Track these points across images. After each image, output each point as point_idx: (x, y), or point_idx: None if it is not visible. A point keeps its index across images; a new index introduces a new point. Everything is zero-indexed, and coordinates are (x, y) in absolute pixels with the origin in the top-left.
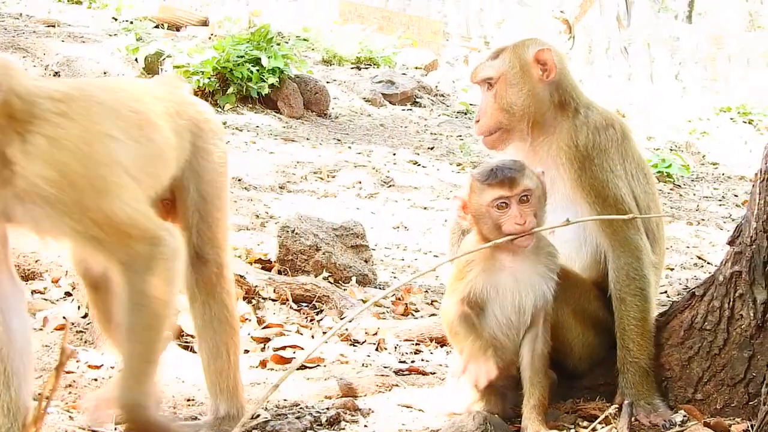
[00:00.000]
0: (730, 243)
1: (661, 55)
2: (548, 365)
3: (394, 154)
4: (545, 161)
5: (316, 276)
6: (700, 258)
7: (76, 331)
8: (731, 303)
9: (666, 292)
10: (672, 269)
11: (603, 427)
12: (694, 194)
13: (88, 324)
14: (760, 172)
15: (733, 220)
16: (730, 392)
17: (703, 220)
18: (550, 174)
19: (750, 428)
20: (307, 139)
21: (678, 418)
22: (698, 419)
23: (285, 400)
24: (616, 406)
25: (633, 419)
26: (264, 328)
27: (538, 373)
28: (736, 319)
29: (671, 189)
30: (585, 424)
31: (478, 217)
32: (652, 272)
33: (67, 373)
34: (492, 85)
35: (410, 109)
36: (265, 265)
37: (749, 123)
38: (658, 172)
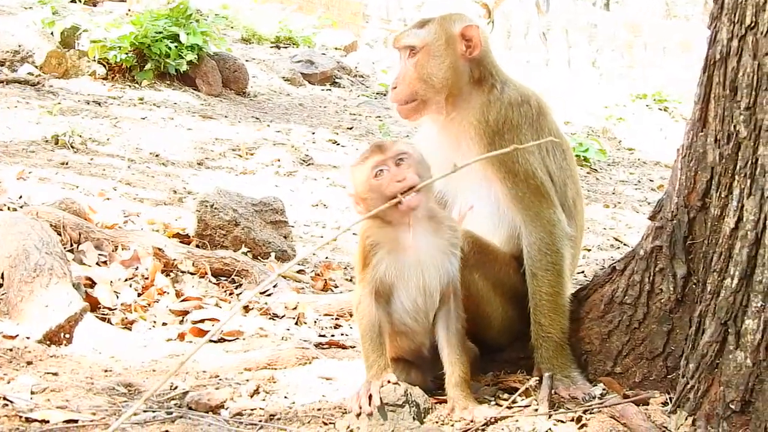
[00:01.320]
0: (651, 218)
1: (579, 41)
2: (465, 340)
3: (313, 134)
4: (457, 136)
5: (234, 251)
6: (616, 239)
7: None
8: (651, 277)
9: (583, 272)
10: (589, 250)
11: (523, 399)
12: (611, 178)
13: (3, 294)
14: (682, 147)
15: (649, 203)
16: (649, 365)
17: (619, 203)
18: (461, 149)
19: (668, 401)
20: (226, 116)
21: (597, 391)
22: (617, 392)
23: (204, 371)
24: (536, 378)
25: (553, 392)
26: (182, 301)
27: (456, 350)
28: (656, 293)
29: (588, 173)
30: (506, 396)
31: (367, 199)
32: (567, 247)
33: None
34: (414, 53)
35: (329, 90)
36: (183, 239)
37: (664, 110)
38: (576, 155)
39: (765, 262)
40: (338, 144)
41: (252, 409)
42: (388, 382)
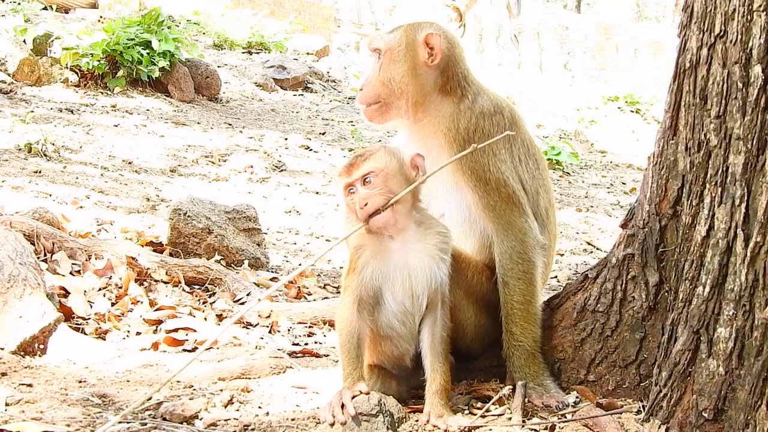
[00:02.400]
0: (623, 226)
1: (551, 44)
2: (449, 349)
3: (286, 139)
4: (427, 143)
5: (208, 259)
6: (589, 243)
7: None
8: (624, 285)
9: (556, 277)
10: (562, 255)
11: (497, 408)
12: (583, 182)
13: None
14: (653, 155)
15: (622, 206)
16: (622, 373)
17: (592, 206)
18: (431, 157)
19: (642, 409)
20: (198, 123)
21: (570, 399)
22: (591, 400)
23: (178, 382)
24: (510, 387)
25: (526, 401)
26: (156, 310)
27: (439, 357)
28: (628, 301)
29: (560, 176)
30: (479, 405)
31: (345, 208)
32: (539, 255)
33: None
34: (380, 57)
35: (302, 95)
36: (157, 247)
37: (636, 112)
38: (548, 159)
39: (736, 270)
40: (311, 149)
41: (226, 420)
42: (361, 392)
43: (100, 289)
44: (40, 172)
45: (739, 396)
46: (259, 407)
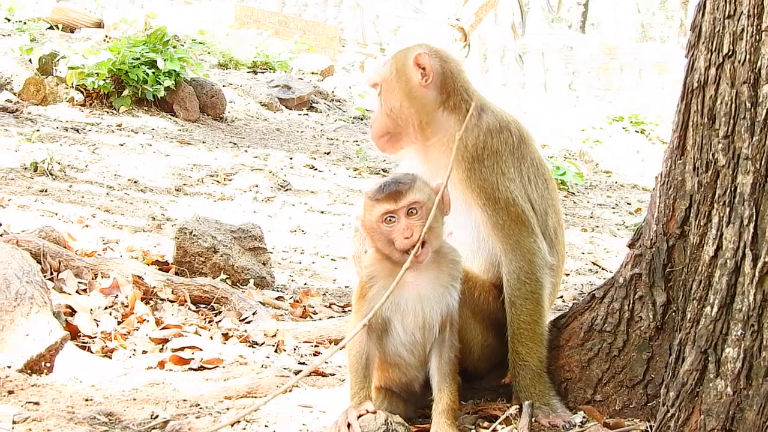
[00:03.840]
0: (630, 245)
1: (555, 64)
2: (457, 370)
3: (291, 159)
4: (437, 162)
5: (214, 278)
6: (595, 264)
7: None
8: (631, 305)
9: (562, 297)
10: (568, 275)
11: (504, 428)
12: (588, 202)
13: None
14: (660, 175)
15: (627, 227)
16: (629, 393)
17: (597, 227)
18: (440, 175)
19: (649, 429)
20: (203, 142)
21: (577, 419)
22: (598, 420)
23: (185, 400)
24: (517, 407)
25: (533, 420)
26: (162, 329)
27: (447, 378)
28: (635, 320)
29: (565, 196)
30: (486, 424)
31: (372, 234)
32: (547, 276)
33: None
34: (379, 89)
35: (306, 114)
36: (162, 266)
37: (641, 132)
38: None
39: (744, 290)
40: (316, 169)
41: None
42: (367, 411)
43: (106, 308)
44: (46, 191)
45: (747, 416)
46: (266, 426)
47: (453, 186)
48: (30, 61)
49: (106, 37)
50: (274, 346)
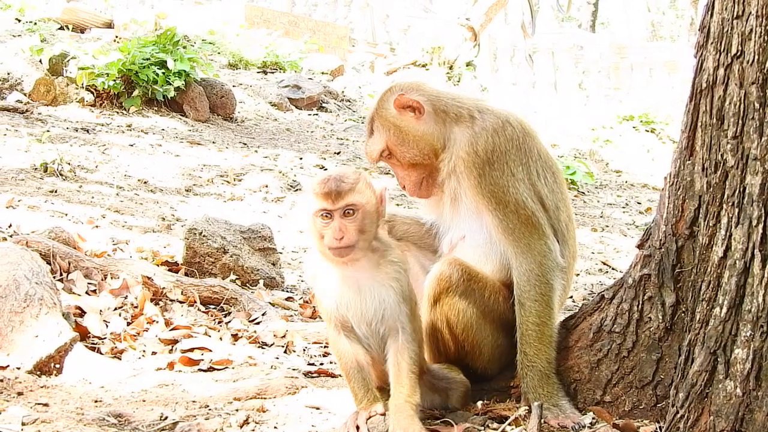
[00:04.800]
0: (640, 246)
1: (565, 63)
2: (416, 367)
3: (301, 159)
4: (447, 175)
5: (223, 278)
6: (605, 263)
7: None
8: (640, 306)
9: (572, 297)
10: (578, 274)
11: (513, 429)
12: (598, 201)
13: None
14: (669, 176)
15: (637, 226)
16: (638, 394)
17: (607, 226)
18: (451, 186)
19: (658, 430)
20: (213, 142)
21: (587, 420)
22: (607, 421)
23: (194, 401)
24: (526, 408)
25: (543, 421)
26: (172, 329)
27: (402, 372)
28: (644, 321)
29: (576, 196)
30: (495, 425)
31: (309, 225)
32: (558, 278)
33: None
34: (388, 154)
35: (316, 114)
36: (172, 267)
37: (651, 132)
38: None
39: (754, 291)
40: (326, 169)
41: None
42: (376, 412)
43: (115, 309)
44: (56, 191)
45: (757, 417)
46: (275, 427)
47: (464, 193)
48: (40, 61)
49: (116, 37)
50: (283, 346)
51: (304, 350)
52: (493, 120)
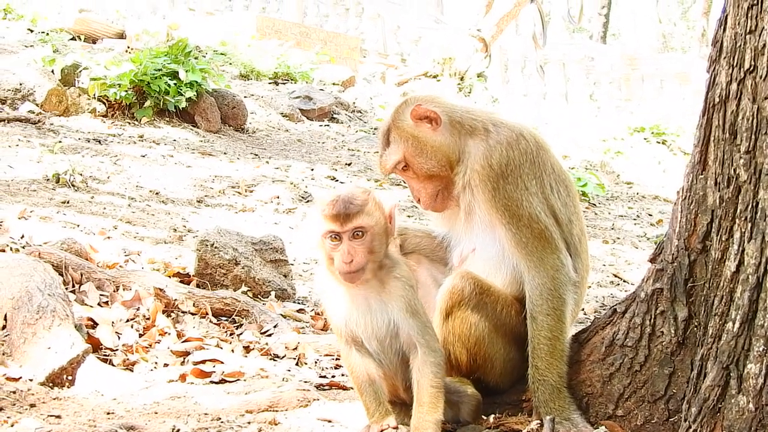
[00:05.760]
0: (652, 260)
1: (576, 74)
2: (441, 375)
3: (312, 170)
4: (462, 188)
5: (235, 290)
6: (616, 276)
7: None
8: (652, 320)
9: (583, 309)
10: (589, 287)
11: None
12: (609, 213)
13: (6, 336)
14: (682, 190)
15: (648, 238)
16: (650, 408)
17: (618, 238)
18: (465, 199)
19: None
20: (225, 153)
21: None
22: None
23: (206, 414)
24: (538, 421)
25: None
26: (184, 341)
27: (422, 388)
28: (657, 335)
29: (587, 208)
30: None
31: (318, 245)
32: (570, 292)
33: None
34: (405, 166)
35: (328, 125)
36: (184, 278)
37: (663, 143)
38: None
39: (766, 306)
40: (337, 180)
41: None
42: (389, 426)
43: (127, 321)
44: (68, 202)
45: None
46: None
47: (478, 206)
48: (52, 72)
49: (128, 48)
50: (295, 359)
51: (316, 362)
52: (508, 133)
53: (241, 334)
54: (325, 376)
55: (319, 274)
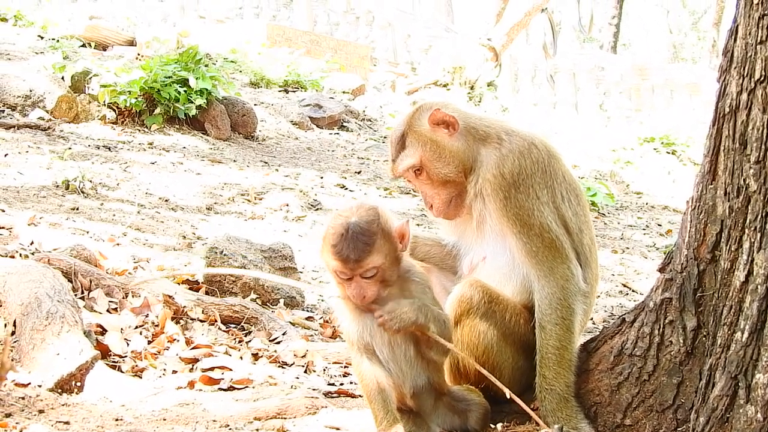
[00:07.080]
0: (661, 270)
1: (586, 84)
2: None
3: (322, 178)
4: (474, 196)
5: (244, 297)
6: (625, 285)
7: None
8: (661, 329)
9: (592, 318)
10: (598, 296)
11: None
12: (619, 223)
13: (15, 342)
14: (692, 200)
15: (658, 248)
16: (658, 418)
17: (627, 248)
18: (477, 207)
19: None
20: (234, 161)
21: None
22: None
23: (214, 421)
24: (547, 430)
25: None
26: (192, 348)
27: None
28: (665, 345)
29: (596, 217)
30: None
31: (328, 270)
32: (579, 302)
33: None
34: (418, 170)
35: (337, 133)
36: (193, 286)
37: (672, 153)
38: None
39: None
40: (346, 188)
41: None
42: None
43: (136, 327)
44: (77, 209)
45: None
46: None
47: (489, 215)
48: (62, 78)
49: (139, 55)
50: (303, 366)
51: (325, 370)
52: (520, 142)
53: (249, 341)
54: (333, 384)
55: (332, 285)
